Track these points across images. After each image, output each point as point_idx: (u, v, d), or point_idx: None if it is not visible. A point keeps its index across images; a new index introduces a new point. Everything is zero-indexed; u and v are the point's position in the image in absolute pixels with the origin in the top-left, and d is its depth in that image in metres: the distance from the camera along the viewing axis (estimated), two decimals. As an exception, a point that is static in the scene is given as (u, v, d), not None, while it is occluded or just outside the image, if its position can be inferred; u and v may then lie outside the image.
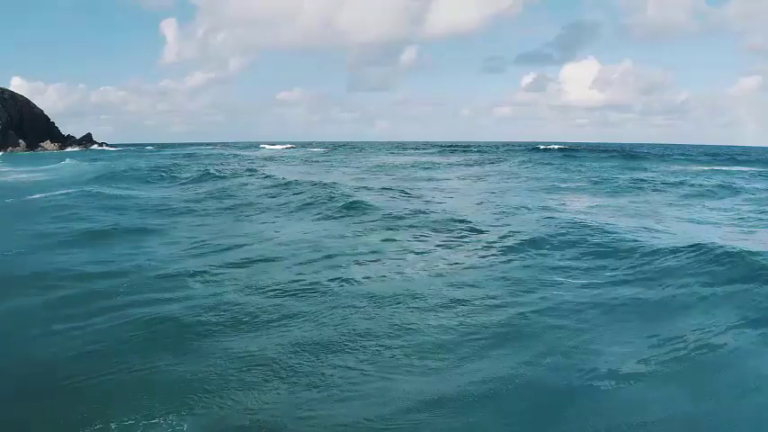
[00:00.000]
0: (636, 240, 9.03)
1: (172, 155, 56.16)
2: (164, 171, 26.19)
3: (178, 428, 3.83)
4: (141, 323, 5.72)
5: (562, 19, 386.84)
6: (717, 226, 11.73)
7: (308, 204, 14.05)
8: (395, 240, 9.80)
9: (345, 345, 5.20)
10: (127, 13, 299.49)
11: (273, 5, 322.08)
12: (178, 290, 6.83)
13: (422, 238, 9.94)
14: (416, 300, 6.45)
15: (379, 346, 5.17)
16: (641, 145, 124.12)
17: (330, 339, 5.31)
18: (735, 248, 7.87)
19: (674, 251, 8.19)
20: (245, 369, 4.70)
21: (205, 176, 22.31)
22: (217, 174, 23.39)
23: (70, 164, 35.23)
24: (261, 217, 12.85)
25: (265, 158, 44.71)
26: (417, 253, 8.89)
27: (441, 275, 7.53)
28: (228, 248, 9.29)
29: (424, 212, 12.42)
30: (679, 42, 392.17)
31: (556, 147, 55.17)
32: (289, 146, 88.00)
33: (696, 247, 8.20)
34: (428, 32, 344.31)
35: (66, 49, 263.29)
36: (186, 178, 22.29)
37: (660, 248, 8.41)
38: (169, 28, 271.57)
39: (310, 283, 7.10)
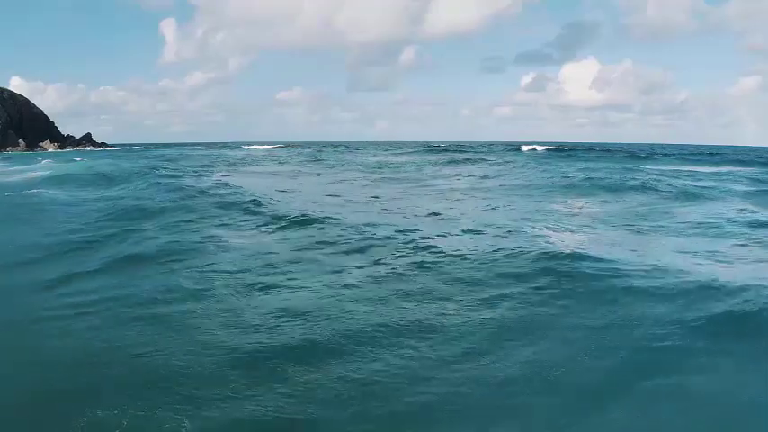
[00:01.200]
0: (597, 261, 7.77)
1: (158, 155, 55.85)
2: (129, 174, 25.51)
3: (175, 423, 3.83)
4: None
5: (562, 19, 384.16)
6: (689, 237, 10.45)
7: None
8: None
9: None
10: (127, 13, 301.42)
11: (273, 5, 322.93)
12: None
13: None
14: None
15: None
16: (641, 145, 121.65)
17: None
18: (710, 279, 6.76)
19: (632, 274, 7.06)
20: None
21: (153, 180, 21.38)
22: (166, 175, 22.60)
23: (46, 165, 34.71)
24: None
25: (239, 161, 43.85)
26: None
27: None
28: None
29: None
30: (679, 42, 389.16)
31: (544, 147, 53.81)
32: (279, 146, 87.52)
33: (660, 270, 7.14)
34: (428, 32, 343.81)
35: (66, 49, 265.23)
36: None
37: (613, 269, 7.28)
38: (168, 28, 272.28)
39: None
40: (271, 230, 10.78)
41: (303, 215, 11.68)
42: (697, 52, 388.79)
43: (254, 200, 14.21)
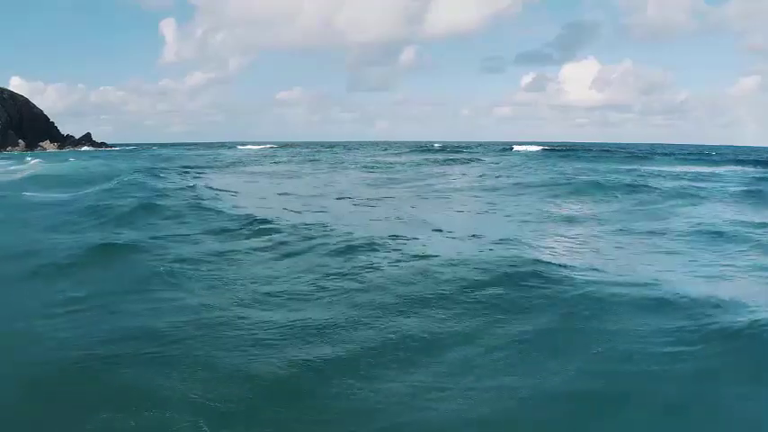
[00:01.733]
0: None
1: (154, 155, 55.91)
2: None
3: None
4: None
5: (562, 19, 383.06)
6: (683, 242, 9.89)
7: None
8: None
9: None
10: (127, 13, 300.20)
11: (273, 5, 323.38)
12: None
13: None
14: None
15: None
16: (640, 145, 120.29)
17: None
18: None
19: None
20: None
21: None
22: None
23: (32, 164, 34.46)
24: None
25: (235, 162, 43.53)
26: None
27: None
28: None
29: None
30: (679, 42, 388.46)
31: (539, 147, 53.51)
32: (273, 146, 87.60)
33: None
34: (428, 32, 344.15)
35: (66, 49, 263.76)
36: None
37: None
38: (168, 28, 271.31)
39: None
40: (246, 235, 10.33)
41: (278, 220, 11.31)
42: (697, 52, 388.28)
43: (236, 204, 13.92)
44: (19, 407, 4.09)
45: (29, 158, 38.47)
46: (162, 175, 23.77)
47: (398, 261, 7.87)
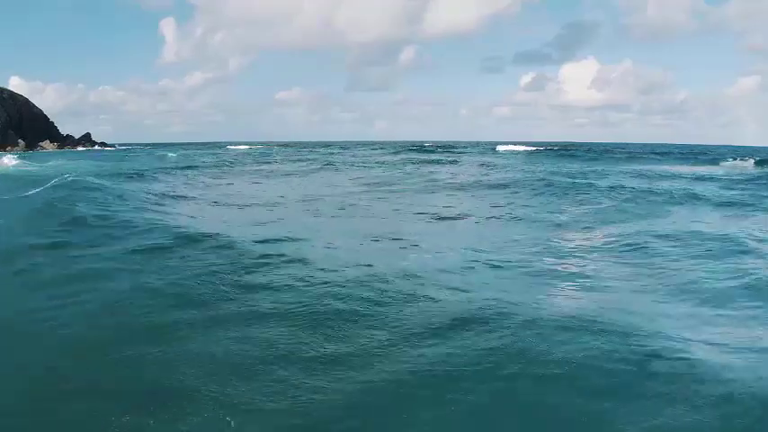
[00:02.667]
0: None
1: (147, 155, 56.17)
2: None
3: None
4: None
5: (561, 19, 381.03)
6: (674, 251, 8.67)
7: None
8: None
9: None
10: (127, 13, 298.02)
11: (273, 5, 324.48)
12: None
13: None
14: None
15: None
16: (637, 144, 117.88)
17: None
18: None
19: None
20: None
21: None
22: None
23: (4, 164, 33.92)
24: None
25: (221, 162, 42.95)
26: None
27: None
28: None
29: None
30: (679, 42, 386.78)
31: (533, 147, 52.85)
32: (258, 146, 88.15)
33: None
34: (427, 32, 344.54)
35: (66, 49, 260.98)
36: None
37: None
38: (168, 27, 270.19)
39: None
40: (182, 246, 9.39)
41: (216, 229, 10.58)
42: (697, 52, 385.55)
43: (180, 211, 13.20)
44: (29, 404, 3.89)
45: (5, 158, 37.39)
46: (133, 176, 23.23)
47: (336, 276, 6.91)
